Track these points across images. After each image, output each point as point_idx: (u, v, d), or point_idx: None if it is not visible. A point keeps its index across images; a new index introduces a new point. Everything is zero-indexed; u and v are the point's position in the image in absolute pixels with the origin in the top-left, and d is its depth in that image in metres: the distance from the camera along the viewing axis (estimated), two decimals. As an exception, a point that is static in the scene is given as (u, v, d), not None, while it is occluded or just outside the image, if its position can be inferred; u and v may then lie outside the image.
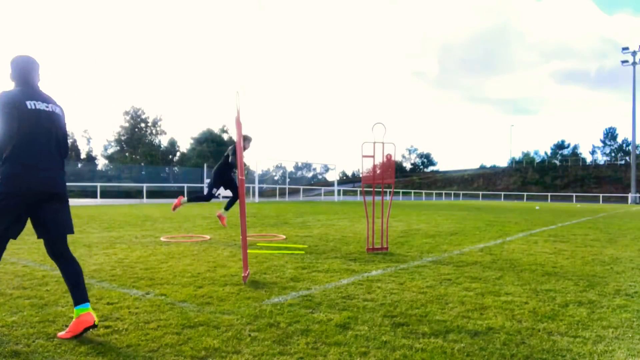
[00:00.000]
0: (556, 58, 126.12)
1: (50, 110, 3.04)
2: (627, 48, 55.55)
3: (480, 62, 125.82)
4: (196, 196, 8.76)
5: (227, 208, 8.74)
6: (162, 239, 7.86)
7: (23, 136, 2.87)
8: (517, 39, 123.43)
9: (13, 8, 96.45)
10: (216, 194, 8.50)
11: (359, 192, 48.93)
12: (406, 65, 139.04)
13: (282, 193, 45.33)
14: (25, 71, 3.04)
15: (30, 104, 2.93)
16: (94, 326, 2.88)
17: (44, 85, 3.21)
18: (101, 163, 75.06)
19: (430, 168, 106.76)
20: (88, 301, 2.96)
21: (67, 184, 3.22)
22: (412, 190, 59.91)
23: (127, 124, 74.42)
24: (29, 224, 3.06)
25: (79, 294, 2.95)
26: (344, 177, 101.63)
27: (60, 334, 2.88)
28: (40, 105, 2.98)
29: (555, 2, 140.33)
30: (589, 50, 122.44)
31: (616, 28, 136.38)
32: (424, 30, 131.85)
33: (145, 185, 32.59)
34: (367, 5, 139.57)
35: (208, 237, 8.25)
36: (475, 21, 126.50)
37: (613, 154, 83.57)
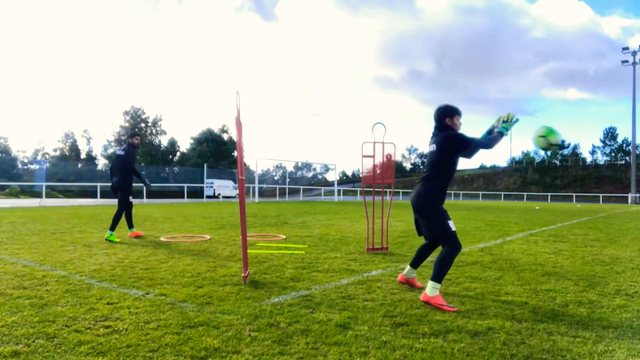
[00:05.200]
0: (552, 59, 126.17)
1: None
2: (627, 48, 55.52)
3: (478, 63, 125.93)
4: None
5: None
6: (162, 239, 7.86)
7: None
8: (513, 40, 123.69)
9: (14, 7, 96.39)
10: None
11: (359, 192, 48.91)
12: (405, 65, 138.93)
13: (282, 193, 45.35)
14: None
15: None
16: None
17: (45, 85, 3.29)
18: (101, 163, 75.12)
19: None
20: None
21: (67, 183, 3.30)
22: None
23: (127, 124, 74.45)
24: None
25: None
26: (344, 177, 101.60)
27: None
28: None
29: (548, 3, 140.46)
30: (585, 50, 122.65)
31: (609, 28, 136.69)
32: (421, 31, 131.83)
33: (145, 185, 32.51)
34: (366, 4, 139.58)
35: (208, 237, 8.25)
36: (471, 22, 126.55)
37: (613, 154, 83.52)
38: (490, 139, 4.02)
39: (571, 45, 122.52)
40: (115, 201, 8.41)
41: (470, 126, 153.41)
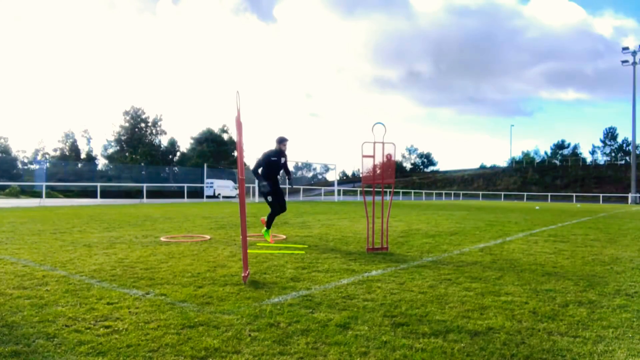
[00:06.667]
0: (548, 59, 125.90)
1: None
2: (627, 48, 55.52)
3: (474, 63, 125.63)
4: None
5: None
6: (162, 239, 7.86)
7: None
8: (508, 40, 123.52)
9: (15, 7, 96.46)
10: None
11: (359, 192, 48.91)
12: (402, 66, 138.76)
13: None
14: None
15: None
16: None
17: (45, 85, 3.31)
18: (101, 163, 75.13)
19: (430, 168, 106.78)
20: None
21: (67, 183, 3.32)
22: (412, 190, 59.85)
23: (127, 124, 74.42)
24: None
25: None
26: (344, 177, 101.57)
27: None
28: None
29: (540, 3, 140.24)
30: (581, 50, 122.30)
31: (602, 29, 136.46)
32: (417, 31, 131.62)
33: (145, 185, 32.55)
34: (361, 6, 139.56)
35: (208, 237, 8.25)
36: (465, 23, 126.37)
37: (613, 154, 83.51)
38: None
39: (566, 45, 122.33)
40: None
41: (469, 126, 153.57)
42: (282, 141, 7.82)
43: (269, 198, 7.75)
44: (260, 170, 7.65)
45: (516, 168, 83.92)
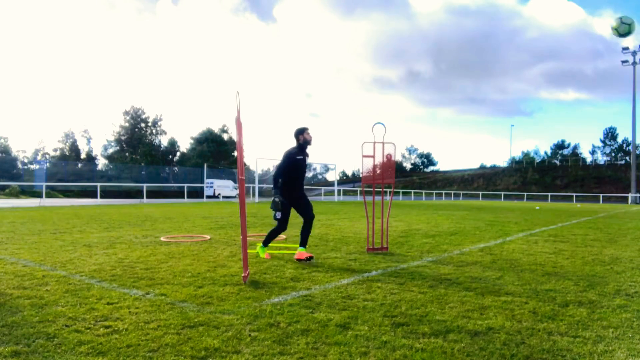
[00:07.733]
0: (548, 59, 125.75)
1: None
2: (627, 48, 55.47)
3: (474, 63, 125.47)
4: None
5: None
6: (162, 239, 7.86)
7: None
8: (507, 41, 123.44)
9: (14, 7, 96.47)
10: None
11: (359, 192, 48.91)
12: (402, 66, 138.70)
13: (282, 193, 45.18)
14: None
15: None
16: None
17: (45, 85, 3.30)
18: (101, 163, 75.07)
19: (431, 168, 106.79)
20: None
21: (67, 183, 3.32)
22: (412, 190, 59.84)
23: (127, 124, 74.36)
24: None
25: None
26: (344, 177, 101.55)
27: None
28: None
29: (539, 3, 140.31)
30: (580, 50, 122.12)
31: (601, 29, 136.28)
32: (416, 31, 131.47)
33: (145, 185, 32.55)
34: (360, 6, 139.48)
35: (208, 237, 8.25)
36: (465, 23, 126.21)
37: (613, 154, 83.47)
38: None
39: (566, 45, 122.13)
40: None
41: (469, 126, 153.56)
42: (303, 131, 6.05)
43: (278, 214, 6.15)
44: (280, 179, 6.01)
45: (516, 168, 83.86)
